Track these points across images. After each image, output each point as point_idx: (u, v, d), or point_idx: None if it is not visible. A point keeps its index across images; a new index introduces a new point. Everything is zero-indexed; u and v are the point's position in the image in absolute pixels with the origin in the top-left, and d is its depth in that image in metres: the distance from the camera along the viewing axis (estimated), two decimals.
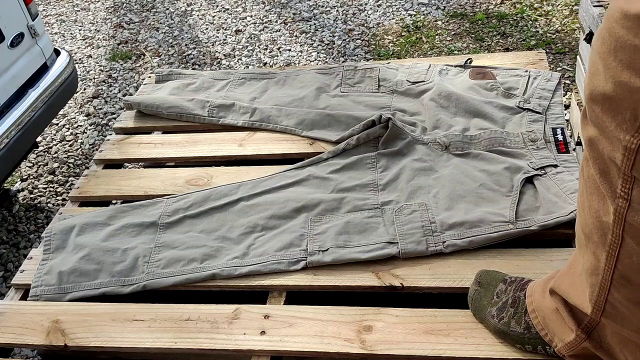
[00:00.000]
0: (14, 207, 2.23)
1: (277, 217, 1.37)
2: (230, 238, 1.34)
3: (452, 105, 1.59)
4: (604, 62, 0.64)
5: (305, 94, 1.76)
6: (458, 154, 1.45)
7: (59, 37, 3.46)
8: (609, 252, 0.71)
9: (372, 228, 1.29)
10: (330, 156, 1.51)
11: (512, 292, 1.04)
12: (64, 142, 2.57)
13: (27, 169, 2.43)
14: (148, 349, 1.16)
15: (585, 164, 0.74)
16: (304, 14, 3.29)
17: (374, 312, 1.13)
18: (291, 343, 1.10)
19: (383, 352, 1.06)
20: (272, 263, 1.26)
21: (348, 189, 1.41)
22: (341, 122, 1.62)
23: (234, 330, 1.14)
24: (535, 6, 3.00)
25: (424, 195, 1.36)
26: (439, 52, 2.78)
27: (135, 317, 1.20)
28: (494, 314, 1.04)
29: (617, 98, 0.62)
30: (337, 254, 1.24)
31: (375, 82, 1.77)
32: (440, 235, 1.24)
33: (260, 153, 1.62)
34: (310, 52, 2.94)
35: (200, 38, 3.23)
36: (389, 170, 1.44)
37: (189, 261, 1.30)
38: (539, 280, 1.02)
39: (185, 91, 1.88)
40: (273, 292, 1.23)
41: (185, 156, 1.66)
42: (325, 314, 1.14)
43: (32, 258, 1.40)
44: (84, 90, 2.91)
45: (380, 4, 3.26)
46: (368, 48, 2.90)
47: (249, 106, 1.74)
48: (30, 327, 1.22)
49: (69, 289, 1.29)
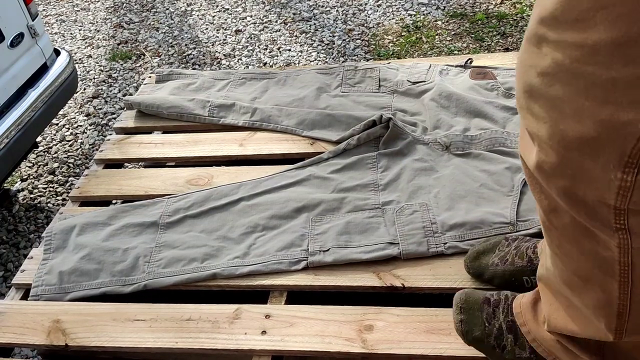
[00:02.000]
0: (14, 207, 2.23)
1: (278, 217, 1.37)
2: (231, 238, 1.34)
3: (452, 105, 1.59)
4: (572, 105, 0.60)
5: (305, 94, 1.76)
6: (459, 154, 1.45)
7: (59, 37, 3.46)
8: (621, 280, 0.70)
9: (373, 228, 1.29)
10: (330, 156, 1.51)
11: (503, 316, 1.01)
12: (64, 142, 2.57)
13: (27, 169, 2.43)
14: (149, 349, 1.16)
15: (555, 216, 0.72)
16: (304, 14, 3.29)
17: (375, 311, 1.13)
18: (292, 343, 1.10)
19: (384, 352, 1.06)
20: (273, 263, 1.26)
21: (349, 189, 1.41)
22: (342, 122, 1.62)
23: (235, 330, 1.14)
24: None
25: (425, 195, 1.36)
26: (439, 52, 2.78)
27: (136, 317, 1.20)
28: (494, 345, 1.01)
29: (599, 138, 0.58)
30: (338, 254, 1.24)
31: (376, 82, 1.77)
32: (441, 236, 1.24)
33: (260, 153, 1.62)
34: (310, 52, 2.94)
35: (200, 38, 3.23)
36: (390, 170, 1.44)
37: (189, 261, 1.30)
38: (524, 300, 1.00)
39: (185, 91, 1.88)
40: (274, 292, 1.23)
41: (186, 156, 1.66)
42: (326, 314, 1.14)
43: (32, 258, 1.40)
44: (84, 90, 2.91)
45: (380, 4, 3.26)
46: (368, 48, 2.90)
47: (250, 106, 1.74)
48: (31, 327, 1.22)
49: (69, 289, 1.29)
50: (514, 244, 1.14)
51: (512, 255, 1.11)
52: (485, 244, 1.17)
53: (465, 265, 1.17)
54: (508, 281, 1.10)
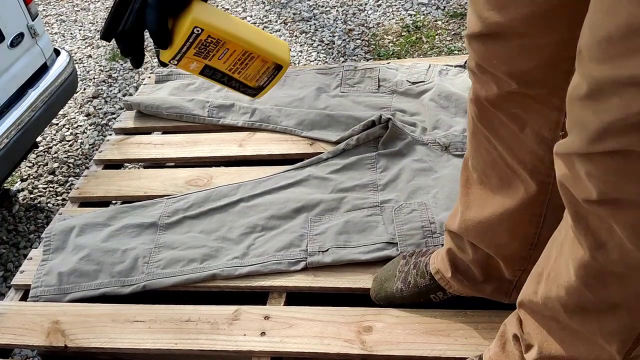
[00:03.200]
0: (14, 207, 2.23)
1: (277, 218, 1.37)
2: (230, 238, 1.34)
3: (452, 105, 1.59)
4: None
5: (305, 94, 1.76)
6: (458, 155, 1.45)
7: (59, 37, 3.46)
8: None
9: (371, 227, 1.29)
10: (330, 156, 1.51)
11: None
12: (64, 142, 2.57)
13: (27, 169, 2.43)
14: (148, 350, 1.16)
15: None
16: (304, 14, 3.29)
17: (373, 312, 1.13)
18: (291, 344, 1.10)
19: (383, 353, 1.06)
20: (272, 263, 1.26)
21: (348, 189, 1.41)
22: (341, 122, 1.62)
23: (234, 331, 1.14)
24: None
25: (424, 195, 1.35)
26: (439, 52, 2.78)
27: (135, 318, 1.20)
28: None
29: None
30: (337, 255, 1.24)
31: (375, 82, 1.77)
32: (439, 237, 1.24)
33: (260, 153, 1.62)
34: (310, 52, 2.94)
35: None
36: (389, 171, 1.44)
37: (188, 261, 1.30)
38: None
39: (185, 91, 1.88)
40: (273, 293, 1.23)
41: (185, 156, 1.66)
42: (325, 315, 1.14)
43: (32, 258, 1.40)
44: (84, 90, 2.91)
45: (380, 4, 3.25)
46: (368, 48, 2.90)
47: (249, 106, 1.74)
48: (31, 328, 1.22)
49: (69, 290, 1.29)
50: (412, 260, 1.15)
51: (414, 276, 1.12)
52: (385, 271, 1.17)
53: (373, 299, 1.16)
54: (417, 302, 1.13)
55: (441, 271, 1.08)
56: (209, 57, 0.78)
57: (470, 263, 1.02)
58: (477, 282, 1.04)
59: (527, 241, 0.93)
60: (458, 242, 1.02)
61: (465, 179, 0.98)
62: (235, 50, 0.78)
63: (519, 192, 0.88)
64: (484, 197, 0.94)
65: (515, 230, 0.92)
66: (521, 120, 0.82)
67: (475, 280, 1.04)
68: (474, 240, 0.98)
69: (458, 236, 1.01)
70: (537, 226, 0.91)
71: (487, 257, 0.99)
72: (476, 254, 1.00)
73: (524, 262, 0.96)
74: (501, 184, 0.91)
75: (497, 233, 0.94)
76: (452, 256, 1.05)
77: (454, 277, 1.05)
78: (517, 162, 0.86)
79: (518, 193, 0.88)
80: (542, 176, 0.85)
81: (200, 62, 0.78)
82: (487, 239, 0.96)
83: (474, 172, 0.95)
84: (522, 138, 0.83)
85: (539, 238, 0.92)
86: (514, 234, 0.93)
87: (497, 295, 1.05)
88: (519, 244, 0.94)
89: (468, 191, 0.97)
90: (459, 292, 1.08)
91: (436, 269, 1.08)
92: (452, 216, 1.04)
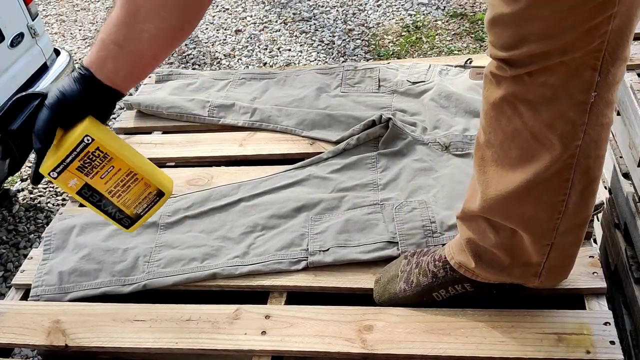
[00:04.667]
0: (14, 207, 2.23)
1: (278, 217, 1.37)
2: (230, 238, 1.34)
3: (452, 105, 1.59)
4: None
5: (305, 94, 1.76)
6: (458, 154, 1.45)
7: (59, 37, 3.46)
8: None
9: (372, 225, 1.29)
10: (330, 156, 1.51)
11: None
12: None
13: (27, 169, 2.43)
14: (149, 349, 1.16)
15: None
16: (304, 14, 3.29)
17: (374, 311, 1.14)
18: (292, 343, 1.11)
19: (384, 352, 1.06)
20: (273, 262, 1.26)
21: (348, 189, 1.41)
22: (341, 122, 1.62)
23: (235, 331, 1.14)
24: None
25: (424, 194, 1.36)
26: (439, 52, 2.78)
27: (136, 318, 1.20)
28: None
29: None
30: (337, 254, 1.24)
31: (376, 82, 1.77)
32: (440, 236, 1.24)
33: (260, 153, 1.62)
34: (310, 52, 2.94)
35: (200, 38, 3.23)
36: (389, 170, 1.44)
37: (189, 260, 1.30)
38: None
39: (185, 91, 1.88)
40: (274, 292, 1.23)
41: (186, 156, 1.66)
42: (325, 314, 1.14)
43: (32, 258, 1.40)
44: None
45: (380, 4, 3.26)
46: (368, 48, 2.90)
47: (249, 106, 1.74)
48: (31, 327, 1.22)
49: (69, 289, 1.29)
50: (414, 259, 1.15)
51: (416, 275, 1.11)
52: (387, 272, 1.17)
53: (377, 302, 1.16)
54: (420, 301, 1.12)
55: (464, 264, 1.05)
56: (91, 174, 0.75)
57: (494, 247, 1.00)
58: (504, 266, 1.01)
59: (555, 210, 0.92)
60: (477, 227, 1.00)
61: (480, 158, 0.97)
62: (120, 169, 0.75)
63: (543, 160, 0.87)
64: (501, 173, 0.93)
65: (541, 200, 0.91)
66: (553, 87, 0.82)
67: (501, 265, 1.01)
68: (498, 218, 0.96)
69: (477, 220, 1.00)
70: (564, 193, 0.90)
71: (512, 237, 0.97)
72: (498, 236, 0.98)
73: (552, 234, 0.95)
74: (521, 155, 0.90)
75: (523, 206, 0.92)
76: (473, 245, 1.02)
77: (479, 266, 1.03)
78: (547, 127, 0.85)
79: (542, 161, 0.88)
80: (571, 139, 0.85)
81: (81, 179, 0.75)
82: (513, 214, 0.94)
83: (488, 150, 0.94)
84: (554, 103, 0.83)
85: (567, 205, 0.91)
86: (541, 203, 0.92)
87: (526, 277, 1.03)
88: (546, 215, 0.93)
89: (485, 169, 0.96)
90: (486, 279, 1.05)
91: (458, 263, 1.06)
92: (468, 200, 1.02)
